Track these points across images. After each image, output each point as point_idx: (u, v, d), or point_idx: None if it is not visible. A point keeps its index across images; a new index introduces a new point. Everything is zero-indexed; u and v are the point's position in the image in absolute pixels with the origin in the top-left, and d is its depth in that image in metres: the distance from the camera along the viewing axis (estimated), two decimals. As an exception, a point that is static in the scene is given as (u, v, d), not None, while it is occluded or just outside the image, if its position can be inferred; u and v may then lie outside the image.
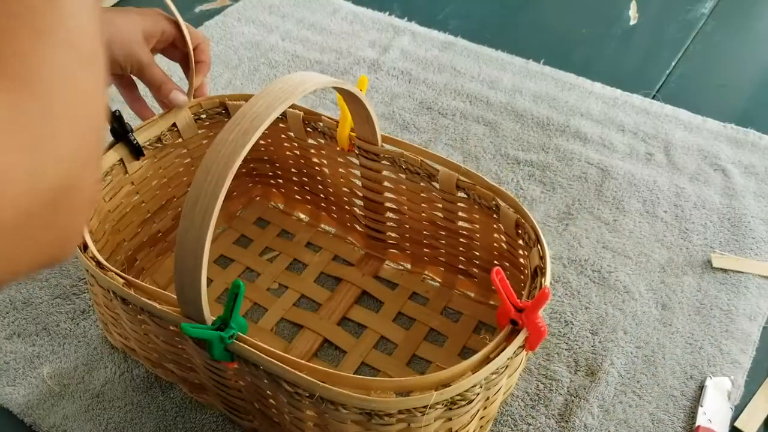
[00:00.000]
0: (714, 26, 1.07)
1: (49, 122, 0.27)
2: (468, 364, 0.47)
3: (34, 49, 0.29)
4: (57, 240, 0.29)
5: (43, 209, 0.27)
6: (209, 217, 0.44)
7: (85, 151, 0.30)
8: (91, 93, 0.32)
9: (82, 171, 0.29)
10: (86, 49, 0.32)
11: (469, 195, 0.61)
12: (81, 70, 0.31)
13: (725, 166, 0.84)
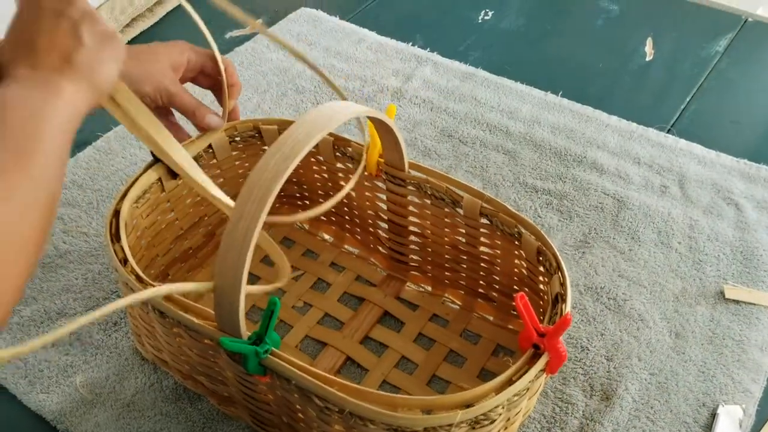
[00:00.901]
0: (728, 63, 1.10)
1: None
2: (492, 385, 0.49)
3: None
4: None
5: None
6: (250, 236, 0.47)
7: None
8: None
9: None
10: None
11: (492, 221, 0.64)
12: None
13: (738, 201, 0.87)
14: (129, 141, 0.96)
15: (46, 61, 0.46)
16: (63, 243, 0.82)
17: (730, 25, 1.17)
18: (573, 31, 1.18)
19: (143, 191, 0.68)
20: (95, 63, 0.48)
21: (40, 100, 0.44)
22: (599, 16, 1.21)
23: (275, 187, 0.47)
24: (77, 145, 0.96)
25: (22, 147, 0.41)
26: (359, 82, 1.06)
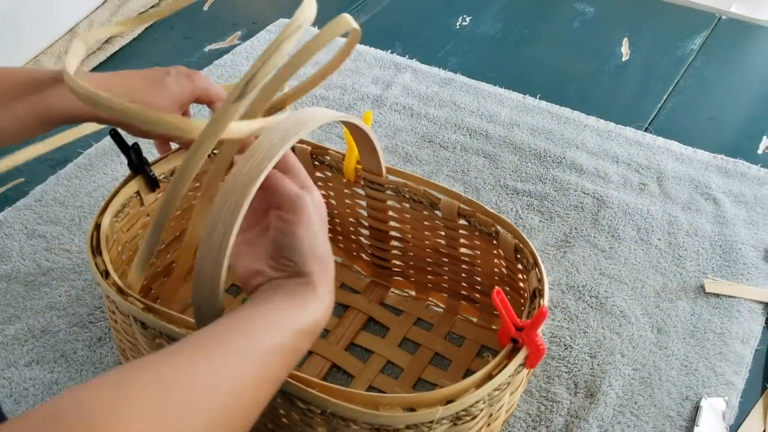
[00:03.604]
0: (703, 61, 1.11)
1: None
2: (472, 380, 0.49)
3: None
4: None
5: None
6: (226, 243, 0.47)
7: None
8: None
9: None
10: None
11: (470, 222, 0.64)
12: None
13: (716, 195, 0.88)
14: (110, 157, 0.96)
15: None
16: (46, 261, 0.82)
17: (705, 24, 1.19)
18: (550, 35, 1.20)
19: (122, 205, 0.68)
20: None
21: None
22: (575, 19, 1.22)
23: (250, 192, 0.47)
24: (58, 162, 0.96)
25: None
26: (339, 90, 1.06)
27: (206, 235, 0.48)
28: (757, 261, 0.80)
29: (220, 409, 0.36)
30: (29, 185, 0.93)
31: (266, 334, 0.41)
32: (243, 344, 0.40)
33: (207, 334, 0.41)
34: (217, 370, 0.38)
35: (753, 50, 1.16)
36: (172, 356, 0.37)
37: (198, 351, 0.39)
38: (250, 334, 0.41)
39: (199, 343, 0.40)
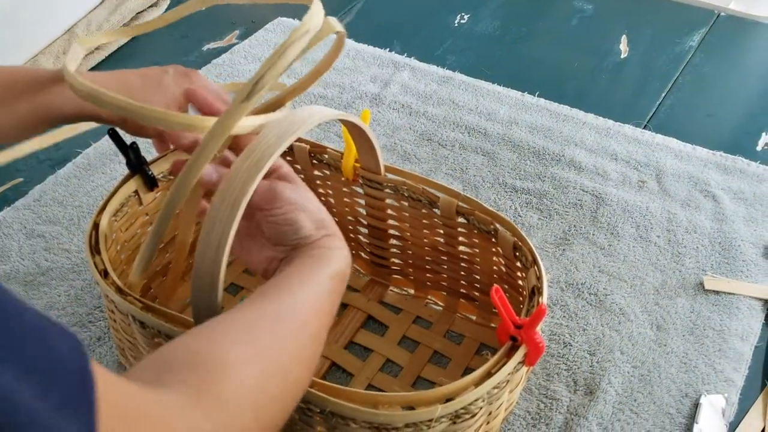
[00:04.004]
0: (702, 58, 1.11)
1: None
2: (471, 378, 0.49)
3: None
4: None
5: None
6: (224, 241, 0.47)
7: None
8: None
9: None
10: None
11: (469, 220, 0.64)
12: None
13: (715, 192, 0.87)
14: (109, 157, 0.96)
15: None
16: (45, 260, 0.82)
17: (703, 20, 1.19)
18: (548, 32, 1.20)
19: (121, 205, 0.68)
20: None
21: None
22: (574, 16, 1.22)
23: (248, 191, 0.47)
24: (57, 162, 0.96)
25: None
26: (337, 89, 1.06)
27: (205, 233, 0.48)
28: (757, 258, 0.80)
29: (300, 336, 0.43)
30: (28, 185, 0.93)
31: (308, 282, 0.46)
32: (294, 290, 0.45)
33: (264, 290, 0.46)
34: (288, 305, 0.44)
35: (752, 47, 1.16)
36: (252, 305, 0.44)
37: (265, 297, 0.45)
38: (294, 285, 0.46)
39: (265, 292, 0.45)
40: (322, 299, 0.46)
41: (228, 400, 0.36)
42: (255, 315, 0.43)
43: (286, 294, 0.45)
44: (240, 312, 0.43)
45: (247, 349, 0.39)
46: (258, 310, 0.44)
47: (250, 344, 0.40)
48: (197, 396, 0.35)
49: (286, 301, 0.44)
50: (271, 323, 0.43)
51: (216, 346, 0.39)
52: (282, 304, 0.44)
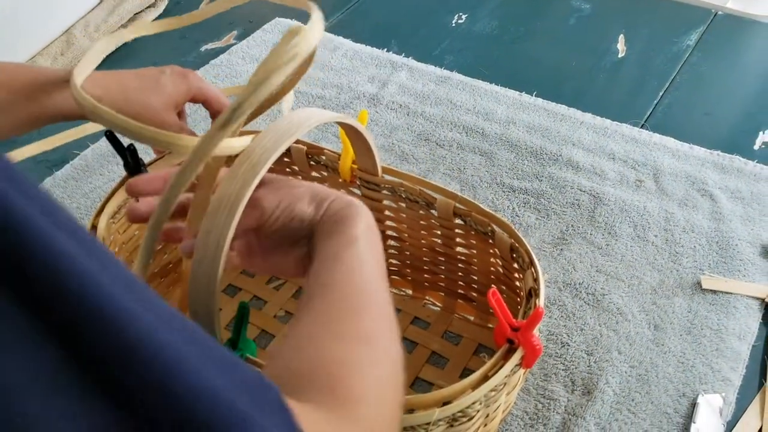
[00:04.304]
0: (699, 57, 1.11)
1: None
2: (468, 382, 0.50)
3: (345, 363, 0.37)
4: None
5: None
6: (222, 245, 0.47)
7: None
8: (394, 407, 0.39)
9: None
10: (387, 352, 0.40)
11: (466, 221, 0.64)
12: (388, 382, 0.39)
13: (712, 192, 0.88)
14: (107, 158, 0.96)
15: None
16: (43, 262, 0.81)
17: (701, 19, 1.19)
18: (546, 32, 1.20)
19: (119, 207, 0.68)
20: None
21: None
22: (571, 16, 1.22)
23: (245, 196, 0.47)
24: (54, 164, 0.96)
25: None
26: (335, 89, 1.06)
27: (201, 239, 0.48)
28: (754, 257, 0.80)
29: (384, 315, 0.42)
30: (26, 187, 0.92)
31: (355, 261, 0.45)
32: (353, 276, 0.44)
33: (321, 282, 0.44)
34: (358, 292, 0.42)
35: (749, 46, 1.16)
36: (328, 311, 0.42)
37: (331, 298, 0.42)
38: (345, 272, 0.44)
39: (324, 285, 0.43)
40: (372, 265, 0.45)
41: (361, 404, 0.35)
42: (339, 315, 0.42)
43: (348, 284, 0.44)
44: (326, 315, 0.42)
45: (362, 349, 0.38)
46: (337, 310, 0.42)
47: (361, 344, 0.39)
48: (337, 409, 0.34)
49: (354, 290, 0.43)
50: (358, 317, 0.41)
51: (339, 356, 0.37)
52: (352, 295, 0.43)
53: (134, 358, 0.24)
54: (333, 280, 0.43)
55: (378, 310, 0.42)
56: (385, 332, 0.41)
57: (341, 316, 0.40)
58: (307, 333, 0.39)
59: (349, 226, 0.46)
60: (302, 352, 0.37)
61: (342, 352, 0.37)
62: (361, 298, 0.42)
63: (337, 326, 0.39)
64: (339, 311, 0.40)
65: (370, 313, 0.41)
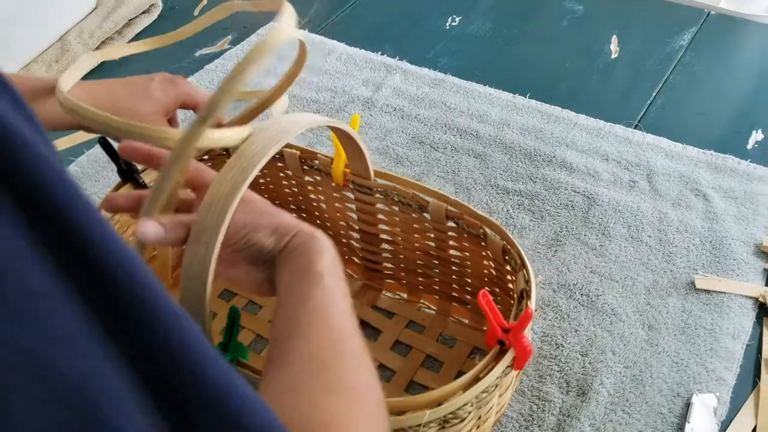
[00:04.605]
0: (692, 57, 1.11)
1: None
2: (459, 383, 0.50)
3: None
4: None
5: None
6: (212, 249, 0.47)
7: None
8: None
9: None
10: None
11: (458, 224, 0.64)
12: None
13: (706, 191, 0.88)
14: (102, 165, 0.96)
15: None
16: (38, 269, 0.82)
17: (694, 19, 1.19)
18: (539, 33, 1.20)
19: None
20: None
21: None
22: (564, 17, 1.22)
23: (234, 199, 0.47)
24: (50, 170, 0.96)
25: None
26: (330, 93, 1.07)
27: (192, 242, 0.48)
28: (748, 256, 0.80)
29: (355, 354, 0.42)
30: (21, 194, 0.93)
31: (322, 300, 0.44)
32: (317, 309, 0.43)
33: (290, 324, 0.44)
34: (327, 329, 0.42)
35: (742, 45, 1.16)
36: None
37: (301, 338, 0.42)
38: (298, 308, 0.44)
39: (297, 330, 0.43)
40: (343, 305, 0.45)
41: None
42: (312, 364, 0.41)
43: (315, 327, 0.43)
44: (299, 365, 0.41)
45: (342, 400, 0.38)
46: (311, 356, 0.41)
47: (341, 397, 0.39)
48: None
49: (331, 336, 0.43)
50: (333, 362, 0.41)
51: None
52: (330, 342, 0.42)
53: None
54: (308, 324, 0.43)
55: (358, 356, 0.42)
56: (370, 380, 0.41)
57: (325, 367, 0.40)
58: (295, 384, 0.38)
59: (313, 261, 0.46)
60: (293, 404, 0.37)
61: (334, 407, 0.37)
62: (340, 345, 0.42)
63: (323, 378, 0.39)
64: (322, 360, 0.40)
65: (353, 361, 0.41)
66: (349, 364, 0.41)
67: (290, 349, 0.41)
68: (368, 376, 0.41)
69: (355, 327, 0.44)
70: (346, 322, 0.43)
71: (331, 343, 0.41)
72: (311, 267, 0.46)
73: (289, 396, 0.37)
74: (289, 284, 0.46)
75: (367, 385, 0.40)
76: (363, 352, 0.42)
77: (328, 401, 0.37)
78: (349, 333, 0.43)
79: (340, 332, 0.42)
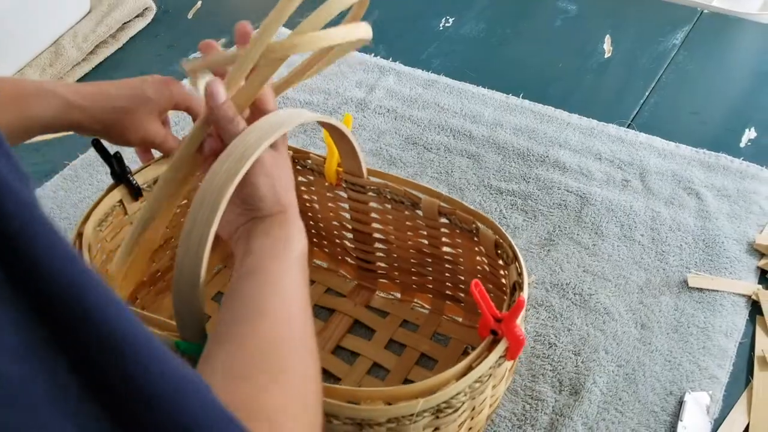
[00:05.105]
0: (685, 56, 1.11)
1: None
2: (452, 372, 0.50)
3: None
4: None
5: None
6: (204, 242, 0.47)
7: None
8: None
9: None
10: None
11: (451, 220, 0.65)
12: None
13: (698, 190, 0.88)
14: (96, 168, 0.96)
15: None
16: (32, 271, 0.82)
17: (687, 18, 1.20)
18: (532, 34, 1.20)
19: (105, 214, 0.68)
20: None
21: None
22: (557, 17, 1.22)
23: (226, 193, 0.47)
24: (44, 174, 0.96)
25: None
26: (323, 95, 1.07)
27: (184, 236, 0.48)
28: (740, 254, 0.80)
29: (291, 329, 0.44)
30: (15, 197, 0.93)
31: (277, 278, 0.47)
32: (271, 293, 0.46)
33: (240, 301, 0.46)
34: (274, 312, 0.44)
35: (735, 44, 1.17)
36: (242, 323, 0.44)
37: (244, 317, 0.44)
38: (266, 286, 0.46)
39: (241, 308, 0.45)
40: (303, 295, 0.47)
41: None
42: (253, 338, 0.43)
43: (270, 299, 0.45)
44: (238, 337, 0.43)
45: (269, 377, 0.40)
46: (253, 333, 0.43)
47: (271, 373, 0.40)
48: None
49: (287, 323, 0.45)
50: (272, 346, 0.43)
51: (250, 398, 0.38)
52: (285, 328, 0.44)
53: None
54: (261, 309, 0.44)
55: (304, 346, 0.44)
56: (311, 371, 0.43)
57: (269, 354, 0.41)
58: (241, 368, 0.40)
59: (289, 249, 0.48)
60: (238, 388, 0.38)
61: (279, 397, 0.38)
62: (289, 333, 0.43)
63: (271, 363, 0.40)
64: (267, 347, 0.42)
65: (298, 351, 0.43)
66: (293, 352, 0.42)
67: (238, 333, 0.43)
68: (312, 364, 0.43)
69: (307, 319, 0.46)
70: (301, 312, 0.45)
71: (278, 332, 0.43)
72: (281, 254, 0.48)
73: (233, 380, 0.39)
74: (254, 262, 0.48)
75: (306, 375, 0.42)
76: (310, 344, 0.44)
77: (270, 389, 0.38)
78: (301, 323, 0.45)
79: (291, 321, 0.44)
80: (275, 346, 0.42)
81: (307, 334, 0.45)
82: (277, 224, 0.50)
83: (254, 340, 0.42)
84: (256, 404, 0.37)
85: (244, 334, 0.42)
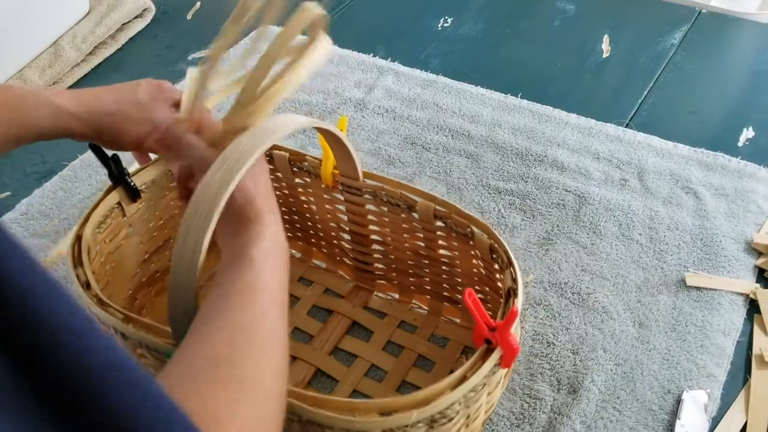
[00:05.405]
0: (683, 56, 1.11)
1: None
2: (447, 383, 0.50)
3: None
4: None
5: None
6: (199, 250, 0.48)
7: None
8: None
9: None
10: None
11: (446, 223, 0.65)
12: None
13: (697, 189, 0.88)
14: (94, 168, 0.96)
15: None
16: (31, 273, 0.82)
17: (685, 18, 1.20)
18: (531, 33, 1.20)
19: (104, 216, 0.68)
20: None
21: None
22: (556, 17, 1.22)
23: (221, 201, 0.48)
24: (43, 175, 0.97)
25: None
26: (322, 95, 1.07)
27: (179, 244, 0.48)
28: (738, 253, 0.80)
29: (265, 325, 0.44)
30: (15, 198, 0.93)
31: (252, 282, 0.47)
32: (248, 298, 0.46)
33: (216, 309, 0.45)
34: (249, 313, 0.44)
35: (733, 43, 1.17)
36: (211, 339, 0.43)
37: (223, 325, 0.44)
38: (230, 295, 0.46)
39: (216, 318, 0.45)
40: (273, 291, 0.47)
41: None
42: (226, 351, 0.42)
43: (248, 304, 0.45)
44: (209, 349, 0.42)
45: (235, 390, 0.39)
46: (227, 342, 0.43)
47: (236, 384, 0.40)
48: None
49: (246, 328, 0.44)
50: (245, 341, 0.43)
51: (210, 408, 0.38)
52: (242, 333, 0.44)
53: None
54: (223, 311, 0.44)
55: (265, 347, 0.43)
56: (270, 374, 0.42)
57: (222, 358, 0.41)
58: (189, 372, 0.40)
59: (249, 243, 0.49)
60: (187, 388, 0.38)
61: (221, 399, 0.37)
62: (250, 335, 0.43)
63: (216, 369, 0.40)
64: (222, 352, 0.41)
65: (256, 354, 0.42)
66: (251, 355, 0.42)
67: (199, 336, 0.43)
68: (270, 369, 0.42)
69: (277, 314, 0.45)
70: (267, 310, 0.45)
71: (238, 334, 0.43)
72: (244, 251, 0.48)
73: (180, 384, 0.38)
74: (222, 266, 0.49)
75: (263, 378, 0.41)
76: (274, 343, 0.44)
77: (215, 392, 0.38)
78: (266, 322, 0.44)
79: (254, 322, 0.44)
80: (220, 352, 0.41)
81: (262, 334, 0.44)
82: (234, 217, 0.51)
83: (203, 345, 0.42)
84: (192, 406, 0.36)
85: (194, 342, 0.43)
